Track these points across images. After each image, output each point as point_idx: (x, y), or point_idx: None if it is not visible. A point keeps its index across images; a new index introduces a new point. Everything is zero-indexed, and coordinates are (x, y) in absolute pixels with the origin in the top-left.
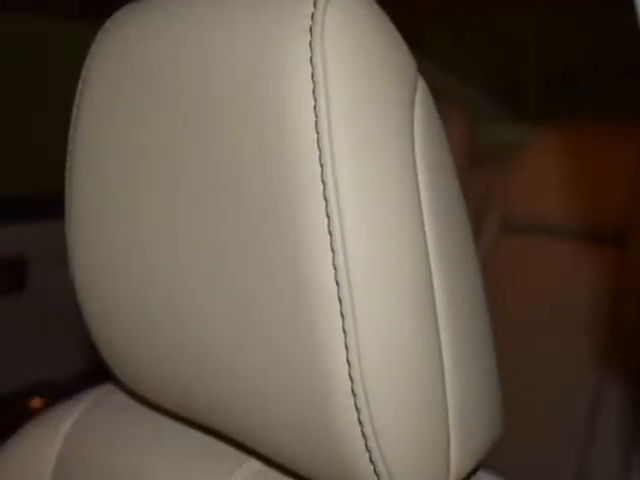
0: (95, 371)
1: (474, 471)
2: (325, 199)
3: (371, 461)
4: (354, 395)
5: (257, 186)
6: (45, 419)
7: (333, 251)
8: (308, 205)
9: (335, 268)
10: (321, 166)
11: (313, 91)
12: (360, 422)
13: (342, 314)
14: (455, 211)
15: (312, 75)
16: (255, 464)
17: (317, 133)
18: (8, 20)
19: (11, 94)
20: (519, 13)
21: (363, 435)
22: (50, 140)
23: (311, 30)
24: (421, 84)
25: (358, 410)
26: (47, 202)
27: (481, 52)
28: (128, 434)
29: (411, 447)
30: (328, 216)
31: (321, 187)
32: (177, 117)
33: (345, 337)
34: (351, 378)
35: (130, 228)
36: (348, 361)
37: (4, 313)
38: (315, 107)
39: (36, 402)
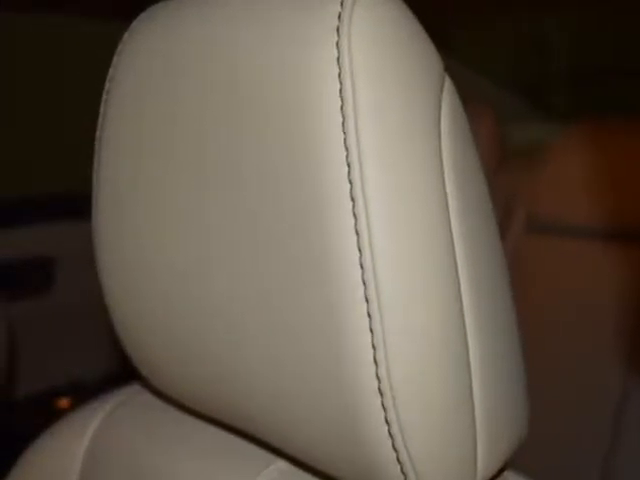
0: (122, 371)
1: (500, 471)
2: (352, 199)
3: (398, 461)
4: (381, 395)
5: (284, 186)
6: (73, 418)
7: (360, 250)
8: (335, 205)
9: (362, 267)
10: (348, 166)
11: (340, 91)
12: (387, 422)
13: (369, 314)
14: (482, 210)
15: (339, 75)
16: (282, 464)
17: (344, 133)
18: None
19: (39, 95)
20: (547, 12)
21: (390, 435)
22: (77, 140)
23: (338, 30)
24: (448, 83)
25: (385, 410)
26: (74, 202)
27: (509, 51)
28: (155, 434)
29: (438, 447)
30: (355, 216)
31: (348, 187)
32: (205, 117)
33: (372, 337)
34: (378, 377)
35: (157, 228)
36: (375, 360)
37: (32, 313)
38: (342, 107)
39: (64, 402)
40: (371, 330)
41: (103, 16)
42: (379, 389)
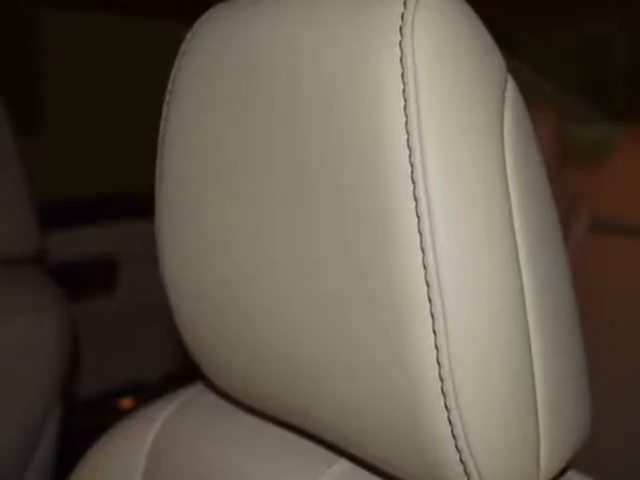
0: (185, 371)
1: (563, 471)
2: (415, 199)
3: (461, 461)
4: (444, 395)
5: (347, 187)
6: (136, 419)
7: (423, 251)
8: (398, 205)
9: (425, 268)
10: (411, 166)
11: (403, 91)
12: (450, 422)
13: (432, 314)
14: (545, 210)
15: (402, 75)
16: (345, 464)
17: (407, 133)
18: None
19: (101, 95)
20: (611, 13)
21: (453, 435)
22: (140, 140)
23: (401, 30)
24: (511, 84)
25: (448, 410)
26: (138, 201)
27: (571, 52)
28: (218, 434)
29: (501, 447)
30: (418, 216)
31: (411, 187)
32: (268, 117)
33: (435, 338)
34: (441, 378)
35: (220, 228)
36: (438, 361)
37: (96, 313)
38: (405, 107)
39: (127, 402)
40: (434, 331)
41: (166, 17)
42: (442, 390)
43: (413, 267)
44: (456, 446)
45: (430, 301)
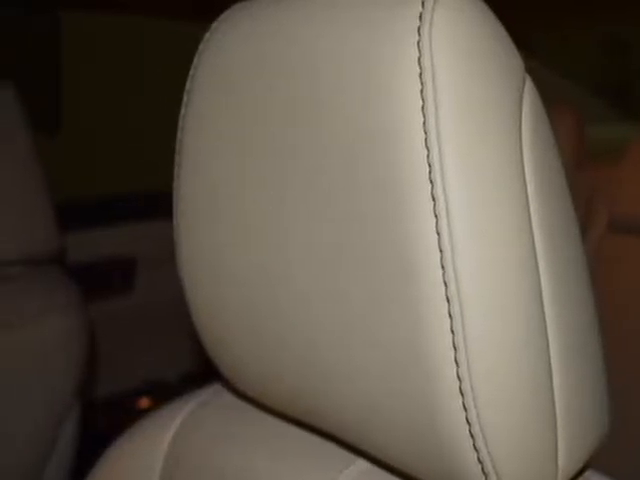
0: (204, 371)
1: (582, 471)
2: (433, 198)
3: (479, 461)
4: (462, 395)
5: (365, 186)
6: (154, 418)
7: (441, 251)
8: (416, 205)
9: (443, 268)
10: (429, 165)
11: (421, 91)
12: (468, 421)
13: (450, 314)
14: (563, 210)
15: (420, 75)
16: (363, 464)
17: (425, 133)
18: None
19: (118, 96)
20: (625, 17)
21: (471, 435)
22: (160, 139)
23: (419, 30)
24: (529, 84)
25: (466, 410)
26: (157, 201)
27: (589, 53)
28: (236, 434)
29: (519, 447)
30: (436, 215)
31: (429, 187)
32: (286, 117)
33: (453, 337)
34: (459, 378)
35: (238, 228)
36: (456, 361)
37: (115, 313)
38: (423, 107)
39: (145, 402)
40: (452, 331)
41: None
42: (460, 389)
43: (431, 267)
44: (474, 445)
45: (448, 301)
